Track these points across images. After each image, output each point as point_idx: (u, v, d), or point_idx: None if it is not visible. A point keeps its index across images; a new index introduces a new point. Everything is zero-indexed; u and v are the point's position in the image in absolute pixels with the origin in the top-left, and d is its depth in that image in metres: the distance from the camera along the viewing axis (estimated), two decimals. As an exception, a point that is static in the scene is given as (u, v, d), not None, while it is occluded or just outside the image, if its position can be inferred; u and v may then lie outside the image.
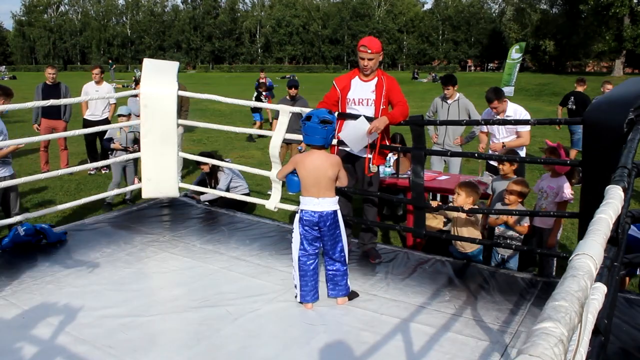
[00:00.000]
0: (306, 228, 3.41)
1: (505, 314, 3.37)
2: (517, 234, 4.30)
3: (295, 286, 3.49)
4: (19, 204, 5.13)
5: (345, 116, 4.17)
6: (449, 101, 6.29)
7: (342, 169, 3.47)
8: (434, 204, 4.47)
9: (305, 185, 3.41)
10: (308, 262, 3.45)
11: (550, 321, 0.75)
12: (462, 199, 4.21)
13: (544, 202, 4.29)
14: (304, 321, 3.26)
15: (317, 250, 3.49)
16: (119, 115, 6.55)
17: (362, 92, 4.12)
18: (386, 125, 4.15)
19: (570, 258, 1.04)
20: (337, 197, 3.50)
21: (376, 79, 4.11)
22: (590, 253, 1.04)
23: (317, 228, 3.41)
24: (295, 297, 3.52)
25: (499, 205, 4.47)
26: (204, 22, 70.94)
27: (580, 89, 9.85)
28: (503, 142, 5.35)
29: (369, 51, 3.98)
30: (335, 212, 3.44)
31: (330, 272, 3.51)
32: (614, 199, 1.44)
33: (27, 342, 2.92)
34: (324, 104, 4.20)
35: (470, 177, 5.60)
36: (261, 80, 14.37)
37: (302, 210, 3.43)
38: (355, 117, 4.04)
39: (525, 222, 4.28)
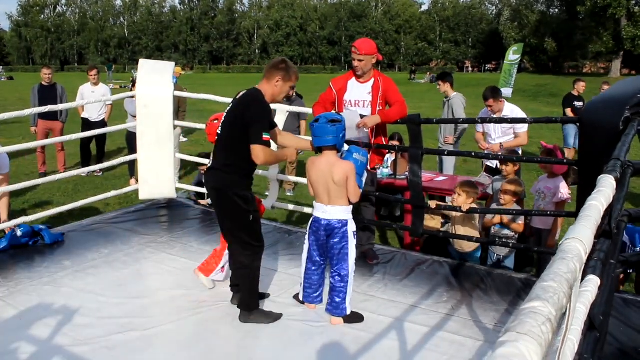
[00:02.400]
0: (314, 235, 3.32)
1: (503, 314, 3.38)
2: (513, 233, 4.31)
3: (301, 284, 3.48)
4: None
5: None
6: (445, 100, 6.58)
7: (352, 179, 3.19)
8: (432, 204, 4.48)
9: (315, 190, 3.31)
10: (313, 269, 3.38)
11: (538, 301, 0.76)
12: (463, 200, 4.20)
13: (542, 202, 4.31)
14: (301, 322, 3.26)
15: (323, 260, 3.37)
16: None
17: (358, 94, 4.13)
18: (382, 125, 4.16)
19: (560, 242, 1.05)
20: (350, 207, 3.28)
21: (372, 80, 4.12)
22: (579, 237, 1.05)
23: (323, 237, 3.27)
24: (298, 294, 3.51)
25: (495, 206, 4.48)
26: (201, 23, 70.86)
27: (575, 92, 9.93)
28: (501, 143, 5.38)
29: (358, 52, 4.02)
30: (344, 222, 3.23)
31: (330, 285, 3.31)
32: (606, 187, 1.45)
33: (25, 343, 2.92)
34: (319, 104, 4.20)
35: (468, 178, 5.61)
36: None
37: (312, 217, 3.35)
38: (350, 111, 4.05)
39: (520, 221, 4.30)
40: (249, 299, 3.24)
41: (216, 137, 3.28)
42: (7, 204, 4.80)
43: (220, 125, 3.27)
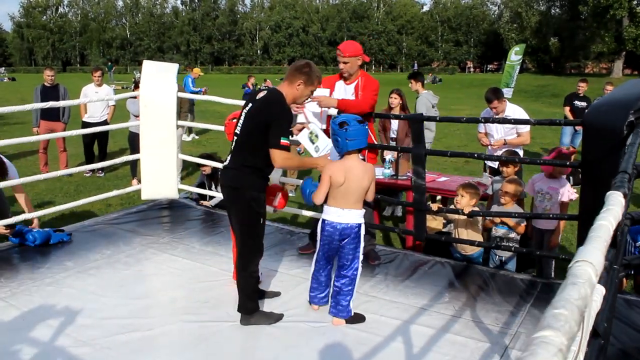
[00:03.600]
0: (326, 240, 3.24)
1: (505, 315, 3.37)
2: (514, 234, 4.31)
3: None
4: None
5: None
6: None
7: (374, 181, 3.29)
8: (434, 206, 4.47)
9: (333, 194, 3.19)
10: (320, 271, 3.37)
11: (549, 329, 0.76)
12: (466, 201, 4.20)
13: (547, 203, 4.30)
14: (303, 322, 3.26)
15: (331, 263, 3.35)
16: None
17: (344, 95, 4.21)
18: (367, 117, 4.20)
19: (570, 265, 1.04)
20: (364, 210, 3.30)
21: (357, 81, 4.20)
22: (590, 260, 1.03)
23: (337, 241, 3.22)
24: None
25: (495, 207, 4.48)
26: (203, 24, 70.87)
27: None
28: (505, 139, 5.39)
29: (342, 55, 4.11)
30: (359, 225, 3.23)
31: (336, 288, 3.29)
32: (615, 206, 1.44)
33: (27, 343, 2.92)
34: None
35: (470, 179, 5.61)
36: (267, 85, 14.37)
37: (324, 221, 3.25)
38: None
39: (523, 222, 4.30)
40: (247, 302, 3.24)
41: (234, 137, 3.27)
42: (27, 200, 4.81)
43: (239, 125, 3.24)
